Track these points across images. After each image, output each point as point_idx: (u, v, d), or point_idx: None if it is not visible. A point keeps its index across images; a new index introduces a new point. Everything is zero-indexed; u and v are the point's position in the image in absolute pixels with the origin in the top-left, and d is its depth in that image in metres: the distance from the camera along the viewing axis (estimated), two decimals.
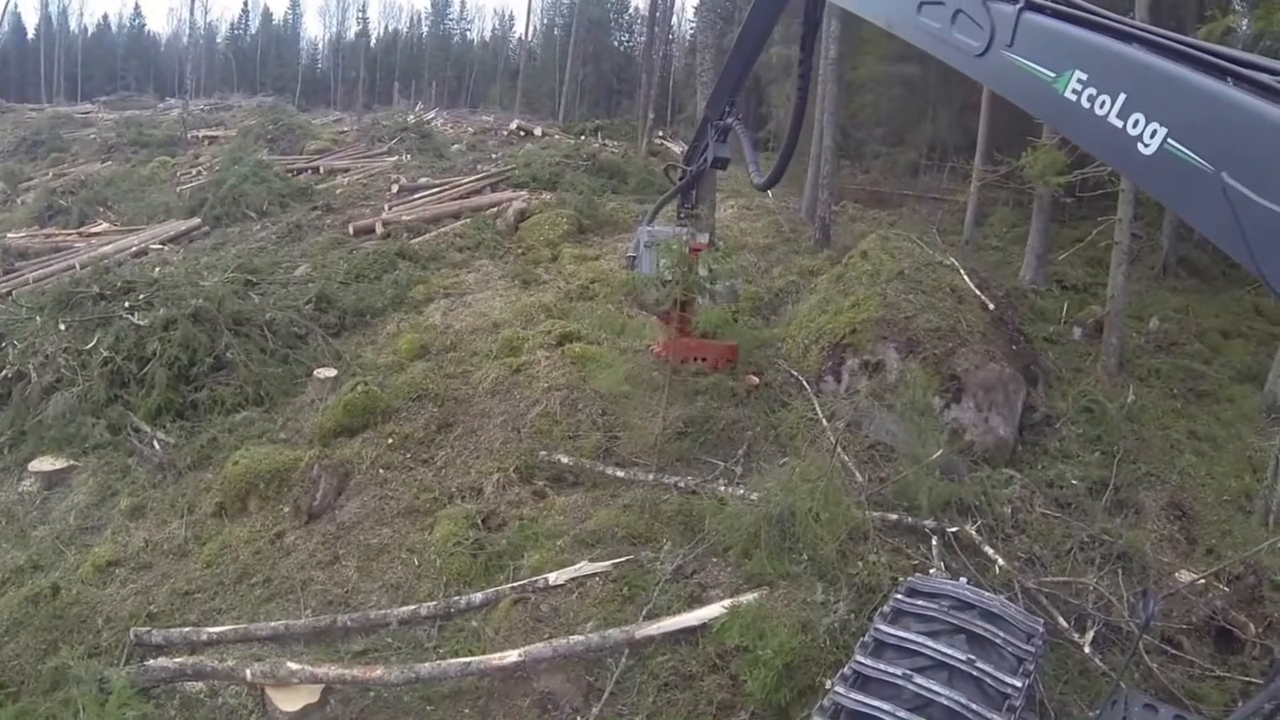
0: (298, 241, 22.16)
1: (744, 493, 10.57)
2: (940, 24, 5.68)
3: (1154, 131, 4.23)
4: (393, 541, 10.60)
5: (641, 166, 31.18)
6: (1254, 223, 3.79)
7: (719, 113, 13.02)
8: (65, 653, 9.18)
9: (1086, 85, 4.59)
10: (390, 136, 37.64)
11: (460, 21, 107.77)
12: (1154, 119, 4.24)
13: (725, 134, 13.30)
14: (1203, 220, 4.14)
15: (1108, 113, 4.46)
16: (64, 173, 37.61)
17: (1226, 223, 3.89)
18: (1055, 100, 4.78)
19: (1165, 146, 4.17)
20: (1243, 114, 3.90)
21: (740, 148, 13.40)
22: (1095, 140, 4.64)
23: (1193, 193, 4.08)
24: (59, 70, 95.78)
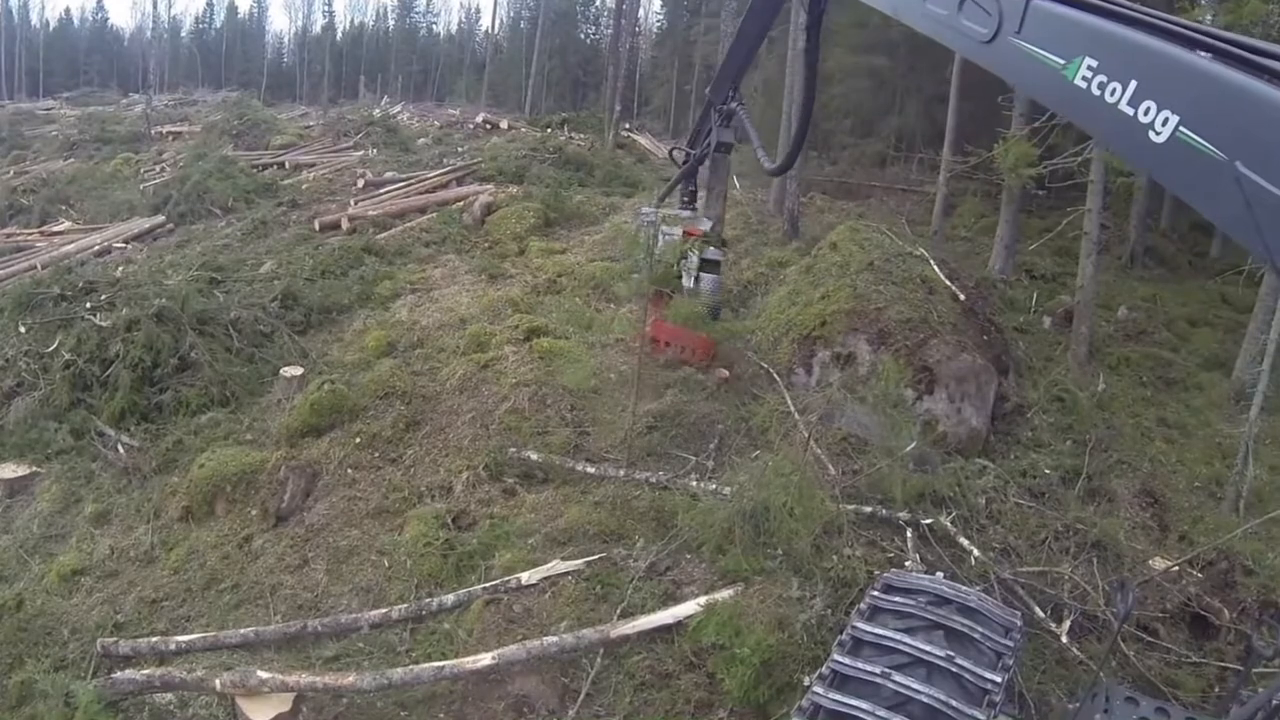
0: (263, 238, 21.80)
1: (716, 487, 10.47)
2: (947, 10, 5.59)
3: (1165, 119, 4.13)
4: (362, 543, 10.42)
5: (608, 159, 31.03)
6: (1267, 212, 3.71)
7: (722, 97, 12.98)
8: (31, 666, 8.99)
9: (1096, 72, 4.48)
10: (356, 131, 37.25)
11: (427, 15, 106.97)
12: (1165, 106, 4.14)
13: (729, 119, 13.44)
14: (1215, 210, 4.06)
15: (1118, 100, 4.36)
16: (25, 170, 36.90)
17: (1239, 212, 3.81)
18: (1064, 88, 4.68)
19: (1177, 135, 4.08)
20: (1256, 102, 3.81)
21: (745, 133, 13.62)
22: (1105, 128, 4.55)
23: (1205, 182, 4.01)
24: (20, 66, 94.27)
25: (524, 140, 32.65)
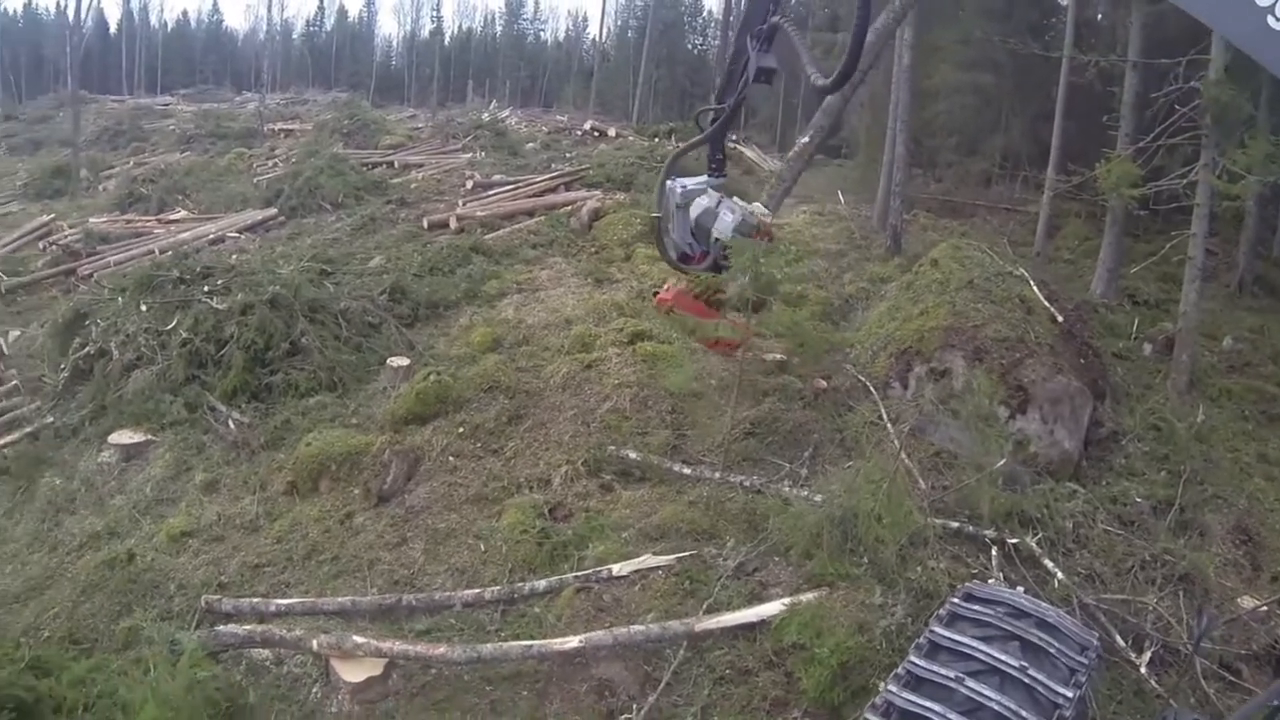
0: (372, 234, 23.07)
1: (808, 494, 10.90)
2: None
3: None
4: (460, 527, 11.11)
5: None
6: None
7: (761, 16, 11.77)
8: (138, 615, 9.86)
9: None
10: (465, 134, 38.98)
11: (534, 22, 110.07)
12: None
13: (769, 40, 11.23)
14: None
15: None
16: (144, 162, 39.65)
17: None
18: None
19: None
20: None
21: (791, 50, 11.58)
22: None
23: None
24: (140, 64, 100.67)
25: (631, 148, 33.57)
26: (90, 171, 39.33)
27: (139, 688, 7.88)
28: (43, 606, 10.26)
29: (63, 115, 56.48)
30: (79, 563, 11.03)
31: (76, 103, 48.10)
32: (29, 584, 10.84)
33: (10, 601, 10.53)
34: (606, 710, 8.58)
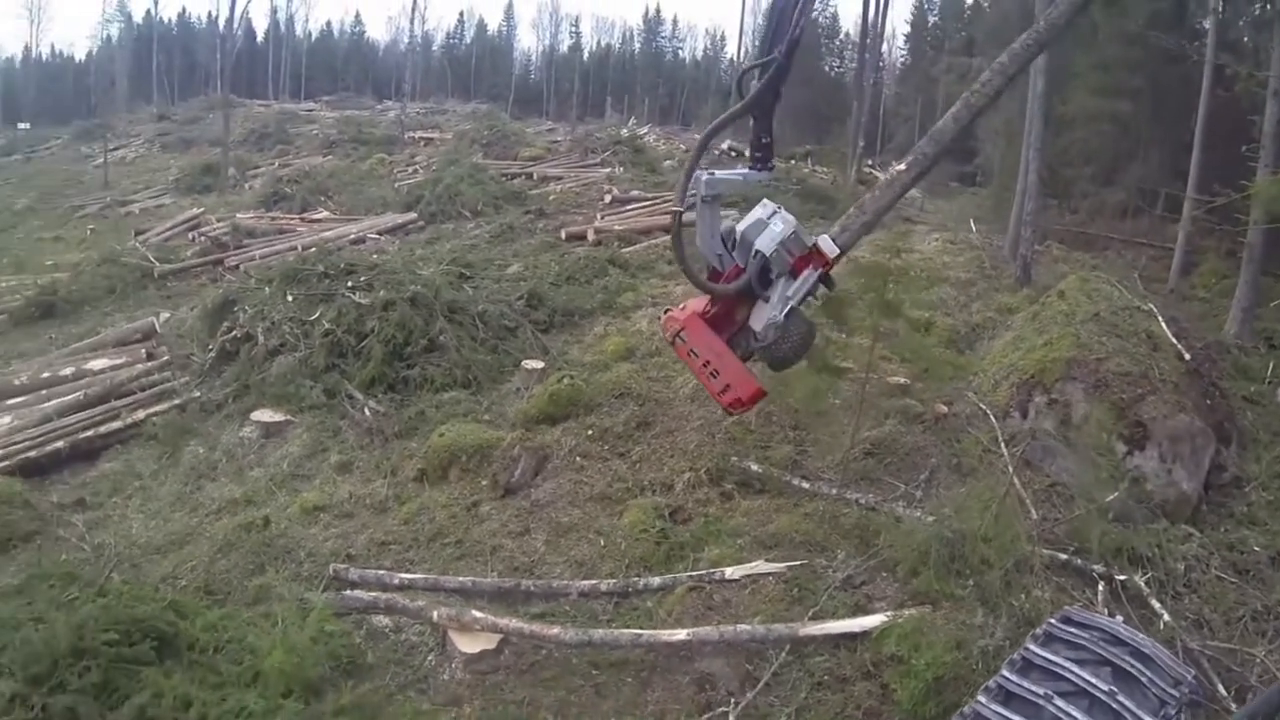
0: (510, 242, 24.41)
1: (920, 515, 11.32)
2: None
3: None
4: (582, 522, 11.84)
5: (850, 194, 32.24)
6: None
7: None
8: (270, 574, 10.82)
9: None
10: (603, 149, 40.58)
11: (672, 39, 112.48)
12: None
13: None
14: None
15: None
16: (289, 163, 42.50)
17: None
18: None
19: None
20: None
21: None
22: None
23: None
24: (285, 71, 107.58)
25: None
26: (237, 170, 42.39)
27: (267, 636, 8.73)
28: (181, 560, 11.38)
29: (212, 117, 60.50)
30: (217, 524, 12.18)
31: (227, 106, 51.40)
32: (170, 539, 12.01)
33: (152, 553, 11.70)
34: (705, 703, 9.09)
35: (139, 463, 14.22)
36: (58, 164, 60.87)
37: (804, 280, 8.52)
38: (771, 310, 8.49)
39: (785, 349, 8.71)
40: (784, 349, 8.70)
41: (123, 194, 43.29)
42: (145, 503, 13.18)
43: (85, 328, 21.17)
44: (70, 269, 25.69)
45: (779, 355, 8.75)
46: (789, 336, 8.60)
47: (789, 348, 8.74)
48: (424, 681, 9.45)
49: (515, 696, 9.16)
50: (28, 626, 6.88)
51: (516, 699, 9.13)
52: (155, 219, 34.93)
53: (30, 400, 16.13)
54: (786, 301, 8.52)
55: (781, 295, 8.54)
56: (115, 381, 15.97)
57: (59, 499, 13.35)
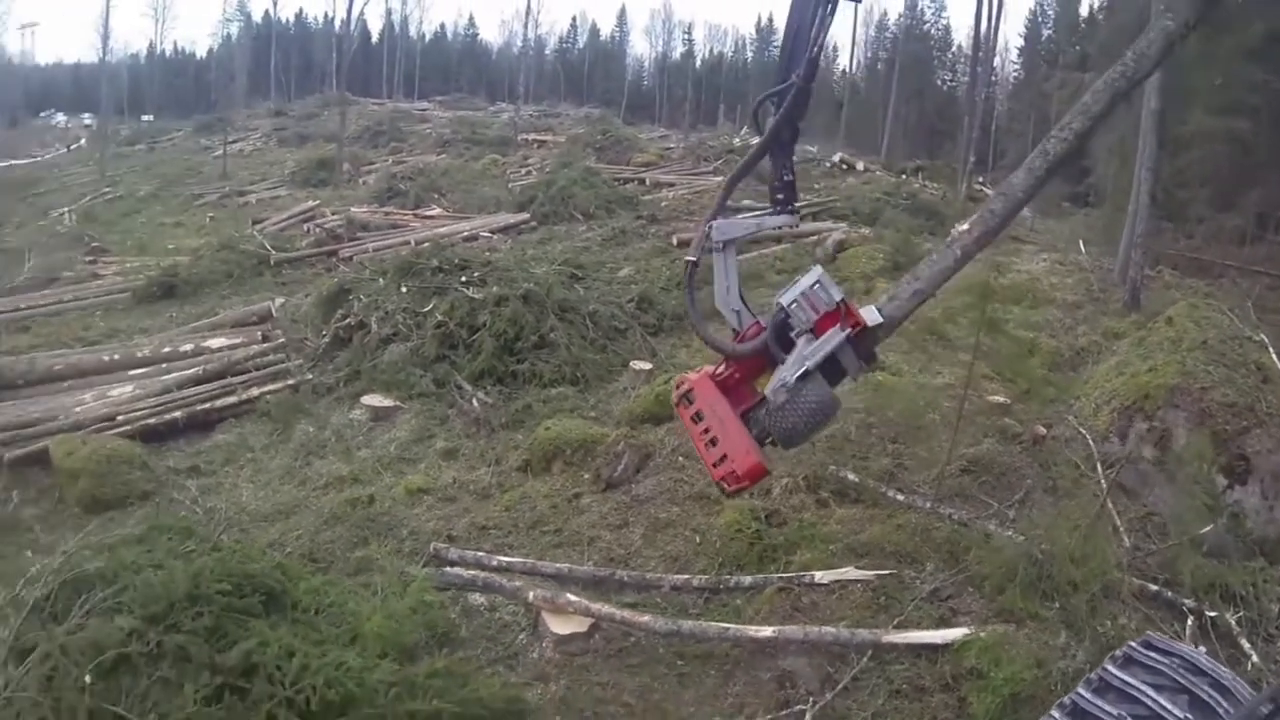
0: (622, 246, 25.23)
1: (1011, 534, 11.44)
2: None
3: None
4: (679, 519, 12.19)
5: (959, 210, 32.28)
6: None
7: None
8: (373, 548, 11.42)
9: None
10: (715, 157, 41.58)
11: None
12: None
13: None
14: None
15: None
16: (402, 160, 44.02)
17: None
18: None
19: None
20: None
21: None
22: None
23: None
24: (399, 71, 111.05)
25: (878, 183, 34.99)
26: (352, 166, 44.09)
27: (367, 603, 9.26)
28: (287, 528, 12.10)
29: (328, 114, 62.88)
30: (323, 498, 12.91)
31: (343, 103, 53.15)
32: (277, 508, 12.78)
33: (260, 520, 12.46)
34: (784, 700, 9.32)
35: (251, 436, 15.11)
36: (179, 155, 64.16)
37: (826, 340, 7.82)
38: (785, 371, 7.85)
39: (793, 419, 7.94)
40: (791, 419, 7.94)
41: (240, 185, 45.41)
42: (255, 474, 14.02)
43: (203, 308, 22.52)
44: (190, 253, 27.37)
45: (785, 426, 7.99)
46: (799, 405, 7.86)
47: (798, 418, 7.95)
48: (514, 658, 9.87)
49: (600, 679, 9.52)
50: (148, 571, 7.40)
51: (601, 681, 9.49)
52: (271, 210, 36.65)
53: (151, 372, 17.18)
54: (803, 362, 7.80)
55: (799, 355, 7.88)
56: (232, 359, 16.95)
57: (174, 464, 14.29)
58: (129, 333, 20.89)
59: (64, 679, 6.57)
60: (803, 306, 7.88)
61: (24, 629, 7.03)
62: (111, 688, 6.59)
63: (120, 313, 23.18)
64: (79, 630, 6.83)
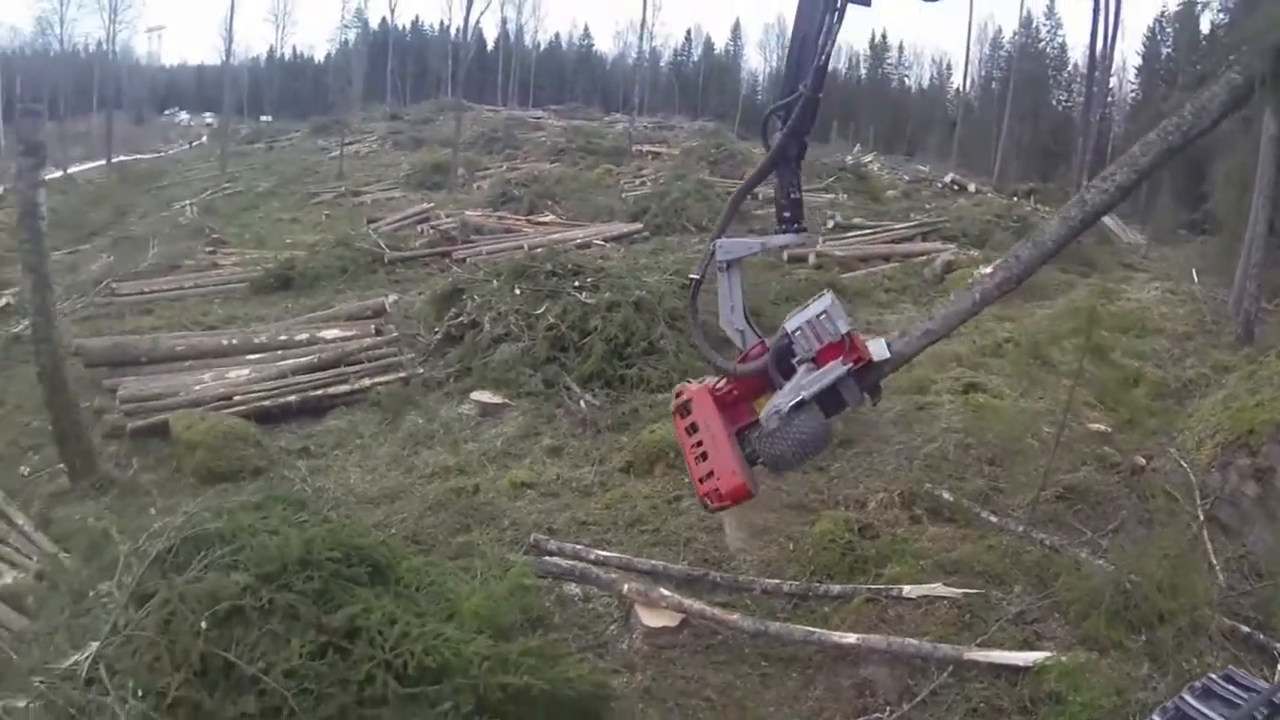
0: None
1: (1102, 563, 11.42)
2: None
3: None
4: (775, 526, 12.48)
5: None
6: None
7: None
8: (475, 534, 11.99)
9: None
10: (827, 175, 41.91)
11: (898, 67, 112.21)
12: None
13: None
14: None
15: None
16: (516, 167, 45.25)
17: None
18: None
19: None
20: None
21: None
22: None
23: None
24: (514, 79, 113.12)
25: (989, 205, 35.08)
26: (466, 170, 45.37)
27: (467, 585, 9.72)
28: (392, 512, 12.76)
29: (443, 119, 64.76)
30: (428, 486, 13.56)
31: (459, 109, 54.56)
32: (384, 493, 13.47)
33: (366, 502, 13.16)
34: (862, 707, 9.54)
35: (361, 424, 15.88)
36: (296, 154, 66.59)
37: (826, 371, 7.84)
38: (781, 398, 7.94)
39: (782, 447, 8.00)
40: (781, 446, 8.01)
41: (355, 185, 46.99)
42: (364, 459, 14.77)
43: (318, 301, 23.64)
44: (307, 248, 28.60)
45: (774, 452, 8.08)
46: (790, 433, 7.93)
47: (787, 446, 8.00)
48: (603, 647, 10.26)
49: (686, 673, 9.84)
50: (264, 535, 7.95)
51: (686, 675, 9.81)
52: (386, 210, 37.93)
53: (267, 358, 18.14)
54: (799, 391, 7.86)
55: (796, 384, 7.95)
56: (346, 350, 17.83)
57: (286, 445, 15.20)
58: (246, 320, 22.12)
59: (180, 624, 7.14)
60: (807, 335, 7.89)
61: (146, 577, 7.65)
62: (224, 636, 7.14)
63: (237, 301, 24.55)
64: (197, 582, 7.41)
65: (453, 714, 7.26)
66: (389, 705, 7.13)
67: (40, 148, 14.71)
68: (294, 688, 6.93)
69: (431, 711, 7.22)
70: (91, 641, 7.30)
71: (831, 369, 7.79)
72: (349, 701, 7.04)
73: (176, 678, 6.86)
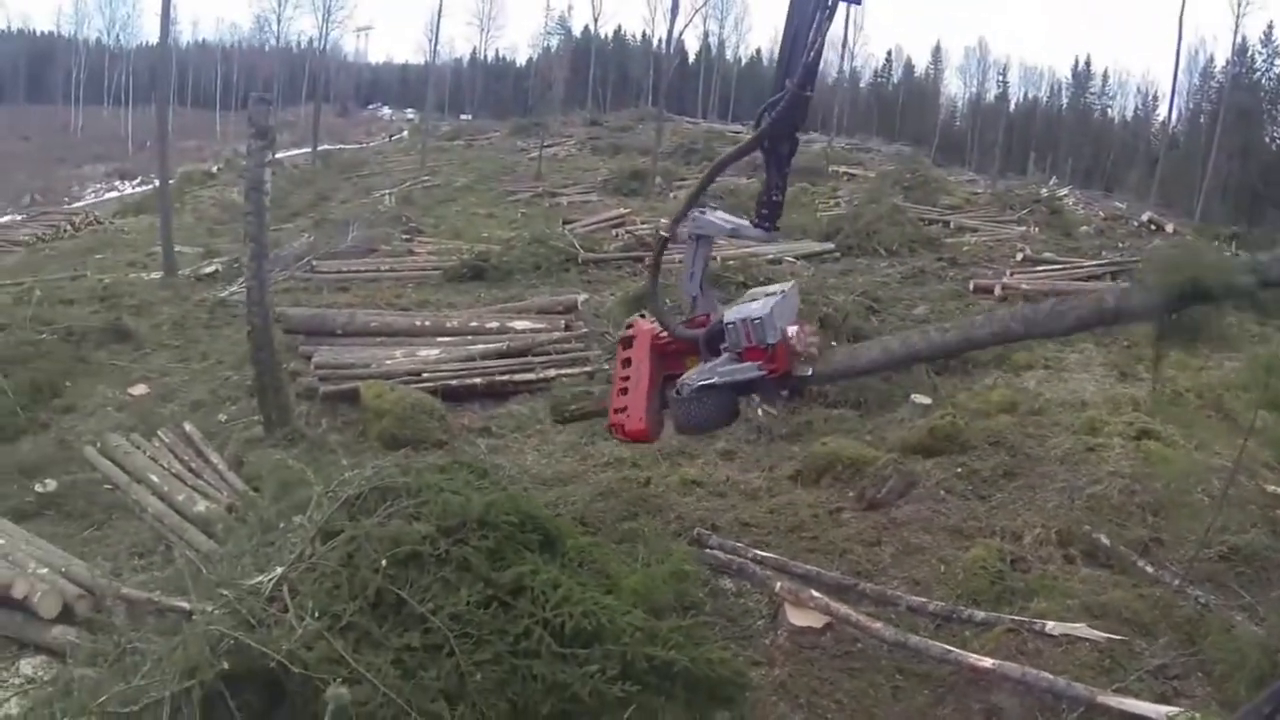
0: (919, 285, 26.04)
1: (1257, 629, 11.20)
2: None
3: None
4: (929, 547, 12.72)
5: None
6: None
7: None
8: (641, 522, 12.55)
9: None
10: (1021, 206, 41.46)
11: (1101, 96, 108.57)
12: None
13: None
14: None
15: None
16: None
17: None
18: None
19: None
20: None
21: None
22: None
23: None
24: (714, 92, 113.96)
25: (1186, 248, 33.51)
26: (664, 179, 46.21)
27: (627, 566, 10.30)
28: (564, 494, 13.51)
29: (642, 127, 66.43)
30: (600, 474, 14.34)
31: (660, 119, 55.71)
32: (557, 476, 14.34)
33: (539, 483, 13.95)
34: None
35: (541, 412, 16.69)
36: (494, 153, 69.25)
37: (741, 369, 8.64)
38: (697, 374, 8.90)
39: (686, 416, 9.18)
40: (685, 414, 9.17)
41: (552, 186, 48.66)
42: (541, 444, 15.68)
43: (509, 294, 24.79)
44: (502, 243, 30.04)
45: (679, 416, 9.24)
46: (694, 407, 8.99)
47: (689, 417, 9.17)
48: (748, 639, 10.67)
49: (822, 674, 10.15)
50: (447, 493, 8.66)
51: (822, 676, 10.12)
52: (582, 212, 39.21)
53: (457, 341, 19.22)
54: (710, 375, 8.82)
55: (714, 366, 8.84)
56: (535, 340, 18.79)
57: (468, 423, 16.24)
58: (438, 305, 23.49)
59: (362, 559, 7.92)
60: (739, 330, 8.44)
61: (334, 517, 8.48)
62: (400, 576, 7.88)
63: (431, 288, 26.02)
64: (382, 526, 8.19)
65: (598, 675, 7.78)
66: (541, 659, 7.71)
67: (269, 131, 16.11)
68: (457, 630, 7.60)
69: (579, 671, 7.77)
70: (277, 566, 8.10)
71: (748, 368, 8.56)
72: (504, 650, 7.66)
73: (352, 606, 7.59)
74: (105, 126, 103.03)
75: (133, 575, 11.61)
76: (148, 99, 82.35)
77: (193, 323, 24.11)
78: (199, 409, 17.63)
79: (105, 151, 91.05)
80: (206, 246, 35.76)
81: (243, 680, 7.22)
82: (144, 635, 8.34)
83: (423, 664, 7.46)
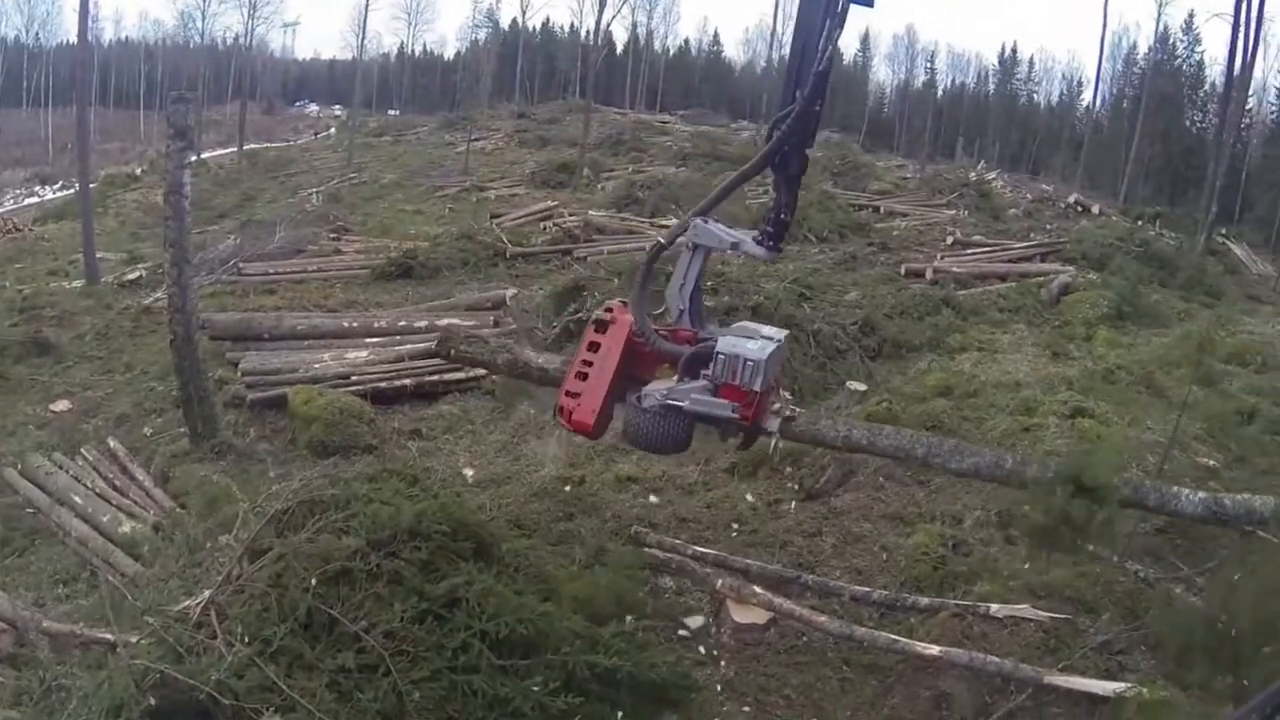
0: (851, 271, 26.07)
1: (1197, 601, 11.26)
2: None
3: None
4: (870, 535, 12.70)
5: (1194, 264, 31.58)
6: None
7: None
8: (576, 523, 12.45)
9: None
10: (950, 190, 41.97)
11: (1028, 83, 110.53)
12: None
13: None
14: None
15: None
16: (642, 170, 45.76)
17: None
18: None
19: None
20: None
21: None
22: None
23: None
24: (642, 83, 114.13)
25: (1112, 228, 34.54)
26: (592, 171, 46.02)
27: (565, 570, 10.26)
28: (498, 496, 13.29)
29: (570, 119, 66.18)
30: (535, 474, 14.09)
31: (587, 110, 55.47)
32: (490, 477, 14.08)
33: (471, 486, 13.72)
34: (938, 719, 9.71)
35: (473, 411, 16.51)
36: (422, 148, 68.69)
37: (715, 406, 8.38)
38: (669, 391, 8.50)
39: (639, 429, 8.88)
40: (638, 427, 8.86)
41: (480, 180, 48.15)
42: (473, 444, 15.40)
43: (438, 291, 24.51)
44: (429, 239, 29.71)
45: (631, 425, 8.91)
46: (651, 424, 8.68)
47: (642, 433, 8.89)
48: (691, 639, 10.60)
49: (768, 670, 10.14)
50: (377, 504, 8.44)
51: (769, 672, 10.11)
52: (509, 206, 38.81)
53: (385, 341, 18.85)
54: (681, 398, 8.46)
55: (686, 390, 8.45)
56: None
57: (398, 426, 15.92)
58: (366, 305, 23.09)
59: (291, 579, 7.66)
60: (725, 366, 8.20)
61: (261, 534, 8.24)
62: (331, 594, 7.62)
63: (359, 287, 25.58)
64: (310, 542, 7.93)
65: (541, 687, 7.59)
66: (481, 673, 7.48)
67: (189, 132, 15.79)
68: (392, 648, 7.36)
69: (520, 684, 7.57)
70: (204, 589, 7.86)
71: (723, 406, 8.29)
72: (443, 666, 7.43)
73: (282, 628, 7.33)
74: (24, 129, 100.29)
75: (56, 605, 11.27)
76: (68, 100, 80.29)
77: (116, 332, 23.47)
78: (124, 423, 17.25)
79: (24, 155, 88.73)
80: (130, 252, 35.39)
81: (172, 714, 6.96)
82: (69, 671, 8.08)
83: (359, 685, 7.22)
